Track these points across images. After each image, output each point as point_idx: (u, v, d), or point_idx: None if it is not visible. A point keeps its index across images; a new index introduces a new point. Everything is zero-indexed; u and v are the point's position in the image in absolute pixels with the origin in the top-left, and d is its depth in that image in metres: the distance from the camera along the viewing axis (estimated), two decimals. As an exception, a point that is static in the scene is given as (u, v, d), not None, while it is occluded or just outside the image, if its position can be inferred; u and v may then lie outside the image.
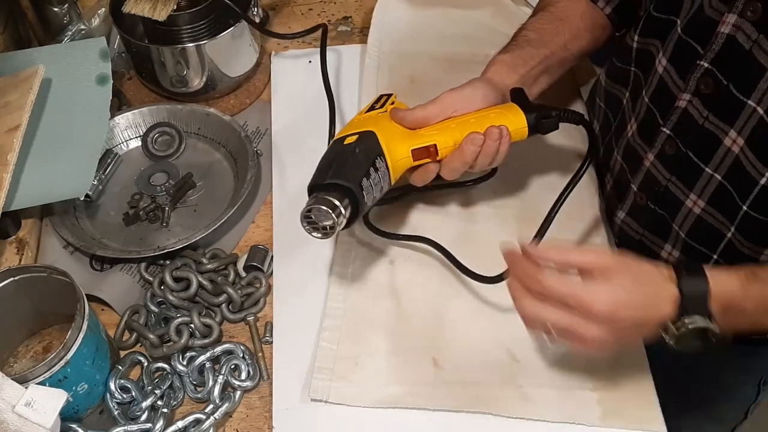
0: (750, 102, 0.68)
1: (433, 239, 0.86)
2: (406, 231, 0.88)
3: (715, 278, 0.64)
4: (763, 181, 0.69)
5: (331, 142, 0.80)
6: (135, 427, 0.74)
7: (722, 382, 0.99)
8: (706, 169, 0.74)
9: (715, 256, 0.79)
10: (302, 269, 0.86)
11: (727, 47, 0.70)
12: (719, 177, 0.74)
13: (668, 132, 0.78)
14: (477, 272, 0.82)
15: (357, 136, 0.76)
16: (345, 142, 0.76)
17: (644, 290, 0.64)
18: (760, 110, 0.67)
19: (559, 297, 0.64)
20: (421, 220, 0.89)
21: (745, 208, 0.72)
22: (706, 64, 0.72)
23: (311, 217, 0.72)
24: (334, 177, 0.73)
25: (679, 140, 0.77)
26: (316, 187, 0.74)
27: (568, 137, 0.97)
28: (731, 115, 0.70)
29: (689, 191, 0.77)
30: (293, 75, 1.01)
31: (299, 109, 1.02)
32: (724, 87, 0.71)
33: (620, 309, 0.63)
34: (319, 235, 0.73)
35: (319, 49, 1.06)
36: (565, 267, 0.66)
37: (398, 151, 0.77)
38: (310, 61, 1.02)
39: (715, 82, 0.71)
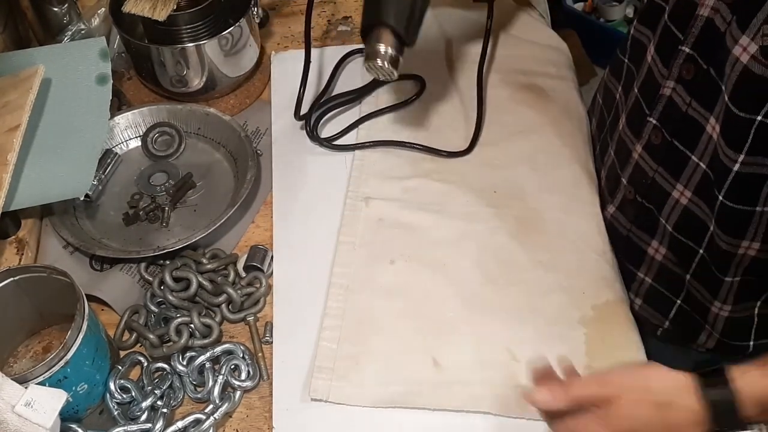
0: (723, 86, 0.68)
1: (393, 140, 0.95)
2: (405, 230, 0.88)
3: (745, 381, 0.61)
4: (736, 167, 0.69)
5: None
6: (135, 427, 0.74)
7: None
8: (693, 156, 0.75)
9: (701, 251, 0.79)
10: (302, 269, 0.86)
11: (705, 30, 0.70)
12: (704, 165, 0.74)
13: (654, 121, 0.79)
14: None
15: None
16: None
17: (661, 415, 0.62)
18: (726, 95, 0.68)
19: None
20: (421, 219, 0.89)
21: (720, 198, 0.72)
22: (687, 50, 0.72)
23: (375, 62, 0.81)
24: (402, 27, 0.81)
25: (664, 129, 0.78)
26: (384, 24, 0.81)
27: (568, 138, 0.97)
28: (711, 101, 0.71)
29: (676, 181, 0.78)
30: (293, 75, 1.01)
31: (299, 109, 1.02)
32: (704, 72, 0.71)
33: None
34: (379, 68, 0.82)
35: (319, 50, 1.07)
36: (578, 405, 0.64)
37: None
38: (310, 61, 1.02)
39: (696, 68, 0.72)
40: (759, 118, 0.65)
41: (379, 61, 0.81)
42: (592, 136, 1.00)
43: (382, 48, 0.81)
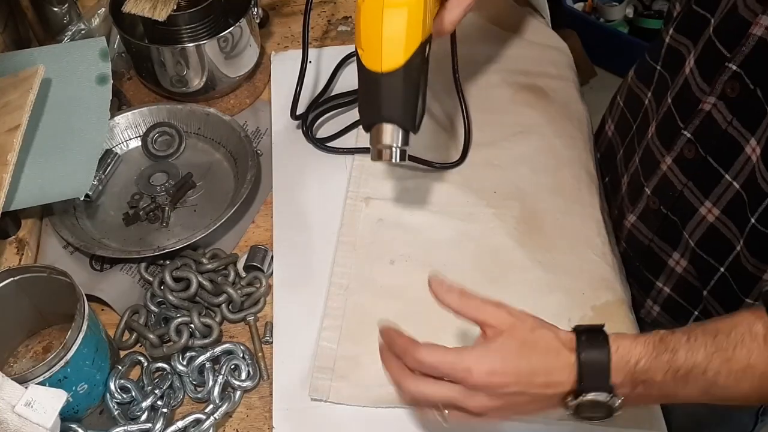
0: None
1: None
2: (405, 230, 0.88)
3: (620, 347, 0.60)
4: None
5: (405, 63, 0.73)
6: (135, 427, 0.74)
7: (720, 409, 0.97)
8: (726, 175, 0.73)
9: (722, 269, 0.77)
10: (302, 269, 0.86)
11: (757, 50, 0.67)
12: (737, 186, 0.72)
13: (689, 135, 0.76)
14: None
15: (421, 50, 0.74)
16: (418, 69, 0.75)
17: (530, 358, 0.61)
18: None
19: (436, 369, 0.61)
20: (421, 219, 0.89)
21: (753, 221, 0.71)
22: (734, 67, 0.70)
23: (384, 161, 0.77)
24: (403, 120, 0.75)
25: (699, 144, 0.75)
26: (388, 120, 0.75)
27: (568, 139, 0.97)
28: (755, 122, 0.68)
29: (705, 198, 0.76)
30: (293, 75, 1.01)
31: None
32: (750, 92, 0.68)
33: (496, 375, 0.60)
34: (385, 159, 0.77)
35: (318, 50, 1.07)
36: (462, 315, 0.64)
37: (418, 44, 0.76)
38: (310, 61, 1.02)
39: (742, 86, 0.69)
40: None
41: (387, 158, 0.76)
42: (609, 139, 0.99)
43: (388, 147, 0.75)
